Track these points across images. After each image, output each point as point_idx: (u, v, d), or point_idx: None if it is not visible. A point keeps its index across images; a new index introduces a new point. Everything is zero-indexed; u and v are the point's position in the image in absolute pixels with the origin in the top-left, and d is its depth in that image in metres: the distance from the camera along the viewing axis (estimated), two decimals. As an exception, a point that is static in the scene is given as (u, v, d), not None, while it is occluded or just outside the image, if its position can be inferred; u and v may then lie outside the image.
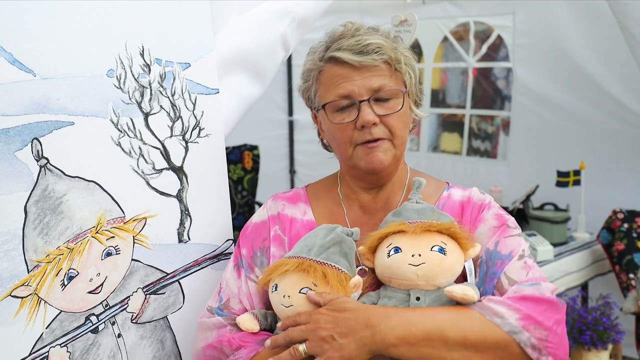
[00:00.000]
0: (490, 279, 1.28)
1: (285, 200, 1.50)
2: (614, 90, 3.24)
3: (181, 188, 1.57)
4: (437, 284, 1.23)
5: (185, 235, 1.58)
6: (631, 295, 2.87)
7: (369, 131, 1.33)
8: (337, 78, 1.35)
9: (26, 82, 1.27)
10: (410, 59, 1.40)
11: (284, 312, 1.27)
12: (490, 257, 1.31)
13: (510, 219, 1.38)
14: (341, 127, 1.35)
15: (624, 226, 3.00)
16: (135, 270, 1.48)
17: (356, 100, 1.33)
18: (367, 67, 1.33)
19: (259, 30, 1.77)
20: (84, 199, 1.37)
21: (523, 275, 1.25)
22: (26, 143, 1.27)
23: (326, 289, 1.23)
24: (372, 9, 3.97)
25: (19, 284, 1.27)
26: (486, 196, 1.43)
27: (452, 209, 1.40)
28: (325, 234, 1.30)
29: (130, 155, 1.46)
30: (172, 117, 1.54)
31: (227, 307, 1.41)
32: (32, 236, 1.29)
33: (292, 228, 1.44)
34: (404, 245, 1.23)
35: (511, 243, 1.32)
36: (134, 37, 1.45)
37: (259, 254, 1.44)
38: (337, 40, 1.37)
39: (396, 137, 1.35)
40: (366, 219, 1.43)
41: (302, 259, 1.26)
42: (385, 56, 1.33)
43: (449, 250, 1.24)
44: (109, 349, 1.43)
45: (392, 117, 1.34)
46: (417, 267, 1.21)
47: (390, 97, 1.35)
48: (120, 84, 1.43)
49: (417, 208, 1.30)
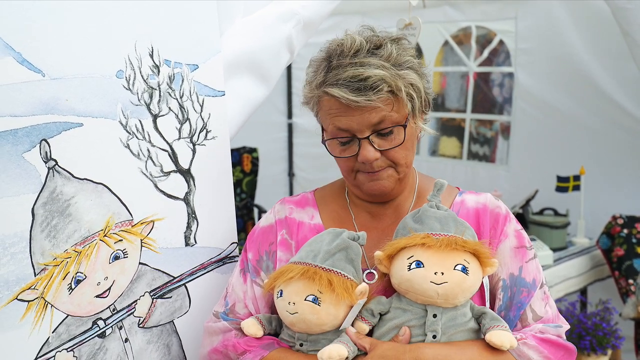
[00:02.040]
0: (516, 308, 1.32)
1: (293, 204, 1.49)
2: (615, 96, 3.25)
3: (188, 191, 1.55)
4: (455, 303, 1.21)
5: (191, 239, 1.57)
6: (630, 301, 2.88)
7: (370, 165, 1.32)
8: (335, 111, 1.30)
9: (35, 82, 1.25)
10: (416, 79, 1.31)
11: (289, 319, 1.26)
12: (515, 284, 1.34)
13: (526, 237, 1.40)
14: (342, 159, 1.34)
15: (623, 232, 3.00)
16: (143, 274, 1.46)
17: (356, 136, 1.30)
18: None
19: (264, 32, 1.75)
20: (92, 201, 1.35)
21: (542, 308, 1.34)
22: (34, 144, 1.25)
23: (332, 297, 1.22)
24: (373, 12, 3.96)
25: (26, 288, 1.25)
26: (501, 205, 1.42)
27: (467, 217, 1.38)
28: (331, 240, 1.28)
29: (138, 158, 1.44)
30: (180, 119, 1.52)
31: (232, 311, 1.41)
32: (40, 239, 1.27)
33: (300, 232, 1.43)
34: (427, 261, 1.20)
35: (532, 269, 1.36)
36: (143, 38, 1.43)
37: (265, 258, 1.43)
38: (335, 69, 1.29)
39: (399, 165, 1.34)
40: (375, 224, 1.42)
41: (307, 265, 1.25)
42: (385, 89, 1.25)
43: (471, 270, 1.21)
44: (116, 354, 1.41)
45: (393, 149, 1.31)
46: (438, 286, 1.19)
47: (392, 129, 1.30)
48: (130, 85, 1.41)
49: (439, 216, 1.27)
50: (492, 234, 1.37)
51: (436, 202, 1.31)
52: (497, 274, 1.35)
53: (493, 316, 1.23)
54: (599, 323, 2.80)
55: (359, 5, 3.93)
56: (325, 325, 1.24)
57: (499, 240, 1.37)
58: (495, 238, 1.36)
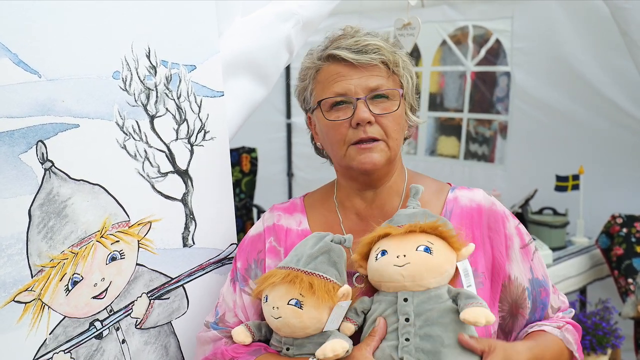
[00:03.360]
0: (540, 309, 1.41)
1: (282, 210, 1.49)
2: (613, 95, 3.25)
3: (186, 192, 1.55)
4: (425, 285, 1.21)
5: (189, 240, 1.56)
6: (630, 300, 2.87)
7: (364, 129, 1.32)
8: (334, 76, 1.35)
9: (31, 83, 1.25)
10: (408, 64, 1.40)
11: (274, 323, 1.27)
12: (534, 287, 1.40)
13: (524, 230, 1.43)
14: (335, 124, 1.34)
15: (622, 231, 3.00)
16: (140, 275, 1.46)
17: (352, 98, 1.32)
18: (365, 66, 1.33)
19: (263, 32, 1.75)
20: (88, 202, 1.35)
21: (557, 300, 1.44)
22: (31, 145, 1.25)
23: (313, 299, 1.22)
24: (371, 12, 3.96)
25: (23, 289, 1.25)
26: (495, 202, 1.42)
27: (460, 217, 1.37)
28: (314, 243, 1.28)
29: (135, 159, 1.44)
30: (177, 120, 1.52)
31: (222, 321, 1.42)
32: (36, 240, 1.26)
33: (288, 238, 1.43)
34: (390, 247, 1.22)
35: (538, 264, 1.42)
36: (139, 39, 1.43)
37: (253, 266, 1.44)
38: (336, 41, 1.37)
39: (390, 138, 1.34)
40: (362, 226, 1.40)
41: (290, 269, 1.25)
42: (384, 57, 1.34)
43: (436, 250, 1.21)
44: (113, 355, 1.41)
45: (387, 117, 1.33)
46: (402, 268, 1.20)
47: (387, 96, 1.34)
48: (126, 86, 1.41)
49: (409, 212, 1.28)
50: (494, 236, 1.37)
51: (413, 205, 1.31)
52: (521, 283, 1.37)
53: (468, 295, 1.21)
54: (598, 322, 2.79)
55: (356, 5, 3.93)
56: (309, 328, 1.24)
57: (507, 245, 1.37)
58: (501, 242, 1.37)
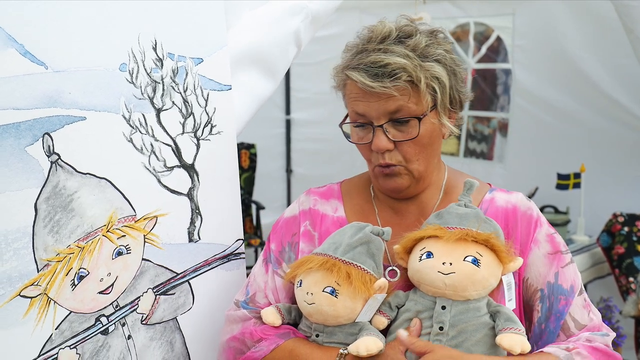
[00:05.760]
0: (555, 318, 1.28)
1: (318, 195, 1.48)
2: (614, 93, 3.25)
3: (192, 186, 1.53)
4: (466, 296, 1.19)
5: (195, 235, 1.54)
6: (631, 299, 2.88)
7: (382, 156, 1.29)
8: (355, 95, 1.29)
9: (38, 74, 1.22)
10: (438, 71, 1.26)
11: (307, 309, 1.26)
12: (552, 292, 1.29)
13: (560, 241, 1.34)
14: (359, 145, 1.33)
15: (624, 229, 3.01)
16: (146, 270, 1.44)
17: (371, 124, 1.28)
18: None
19: (272, 26, 1.73)
20: (95, 196, 1.33)
21: (585, 316, 1.28)
22: (37, 138, 1.23)
23: (349, 289, 1.21)
24: (372, 8, 3.94)
25: (29, 284, 1.23)
26: (533, 207, 1.36)
27: (495, 216, 1.32)
28: (353, 233, 1.28)
29: (141, 152, 1.42)
30: (184, 113, 1.50)
31: (252, 300, 1.41)
32: (43, 234, 1.24)
33: (323, 224, 1.42)
34: (437, 252, 1.19)
35: (569, 275, 1.31)
36: (146, 31, 1.41)
37: (287, 249, 1.43)
38: (359, 54, 1.28)
39: (411, 162, 1.29)
40: (398, 220, 1.39)
41: (328, 256, 1.25)
42: (404, 78, 1.22)
43: (484, 263, 1.18)
44: (119, 351, 1.39)
45: (407, 143, 1.27)
46: (446, 276, 1.17)
47: (409, 120, 1.26)
48: (133, 79, 1.39)
49: (461, 212, 1.24)
50: (523, 238, 1.32)
51: (465, 201, 1.27)
52: (532, 284, 1.30)
53: (508, 317, 1.19)
54: (599, 321, 2.79)
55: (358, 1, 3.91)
56: (341, 317, 1.23)
57: (529, 248, 1.31)
58: (526, 244, 1.31)
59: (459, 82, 1.33)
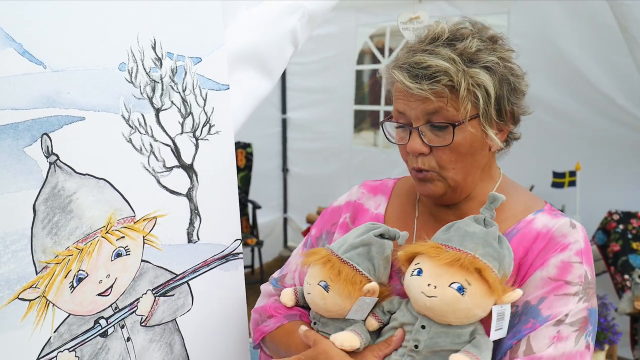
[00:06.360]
0: (512, 335, 1.15)
1: (367, 189, 1.49)
2: (609, 91, 3.26)
3: (191, 187, 1.52)
4: (446, 322, 1.13)
5: (194, 235, 1.53)
6: (626, 296, 2.89)
7: (416, 160, 1.23)
8: (398, 93, 1.25)
9: (36, 74, 1.21)
10: (484, 79, 1.18)
11: (307, 298, 1.32)
12: (525, 312, 1.16)
13: (575, 273, 1.16)
14: (399, 146, 1.29)
15: (619, 227, 3.02)
16: (145, 271, 1.43)
17: (409, 125, 1.23)
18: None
19: (269, 25, 1.72)
20: (94, 197, 1.31)
21: (544, 346, 1.10)
22: (35, 138, 1.21)
23: (338, 287, 1.24)
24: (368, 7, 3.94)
25: (27, 286, 1.22)
26: (570, 235, 1.20)
27: (524, 237, 1.21)
28: (360, 233, 1.29)
29: (141, 153, 1.41)
30: (183, 113, 1.49)
31: (282, 280, 1.50)
32: (41, 236, 1.23)
33: (361, 218, 1.43)
34: (427, 271, 1.13)
35: (558, 303, 1.14)
36: (145, 30, 1.40)
37: (324, 236, 1.48)
38: (409, 52, 1.23)
39: (444, 169, 1.22)
40: (435, 226, 1.28)
41: (331, 252, 1.28)
42: (444, 82, 1.16)
43: (470, 292, 1.10)
44: (118, 353, 1.38)
45: (442, 149, 1.20)
46: (427, 298, 1.12)
47: (447, 125, 1.19)
48: (132, 78, 1.38)
49: (470, 231, 1.14)
50: (537, 261, 1.19)
51: (487, 216, 1.17)
52: (514, 304, 1.17)
53: (476, 344, 1.11)
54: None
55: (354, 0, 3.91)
56: (331, 312, 1.27)
57: (535, 269, 1.18)
58: (535, 266, 1.18)
59: (513, 94, 1.25)
